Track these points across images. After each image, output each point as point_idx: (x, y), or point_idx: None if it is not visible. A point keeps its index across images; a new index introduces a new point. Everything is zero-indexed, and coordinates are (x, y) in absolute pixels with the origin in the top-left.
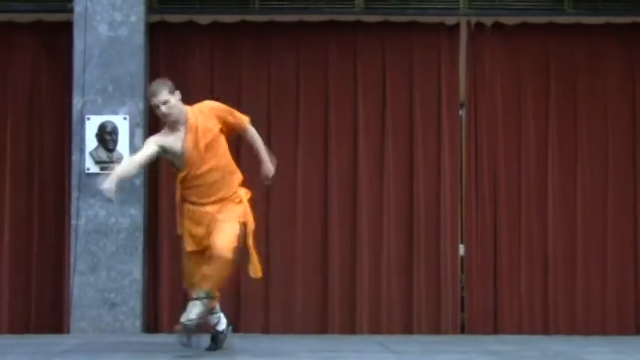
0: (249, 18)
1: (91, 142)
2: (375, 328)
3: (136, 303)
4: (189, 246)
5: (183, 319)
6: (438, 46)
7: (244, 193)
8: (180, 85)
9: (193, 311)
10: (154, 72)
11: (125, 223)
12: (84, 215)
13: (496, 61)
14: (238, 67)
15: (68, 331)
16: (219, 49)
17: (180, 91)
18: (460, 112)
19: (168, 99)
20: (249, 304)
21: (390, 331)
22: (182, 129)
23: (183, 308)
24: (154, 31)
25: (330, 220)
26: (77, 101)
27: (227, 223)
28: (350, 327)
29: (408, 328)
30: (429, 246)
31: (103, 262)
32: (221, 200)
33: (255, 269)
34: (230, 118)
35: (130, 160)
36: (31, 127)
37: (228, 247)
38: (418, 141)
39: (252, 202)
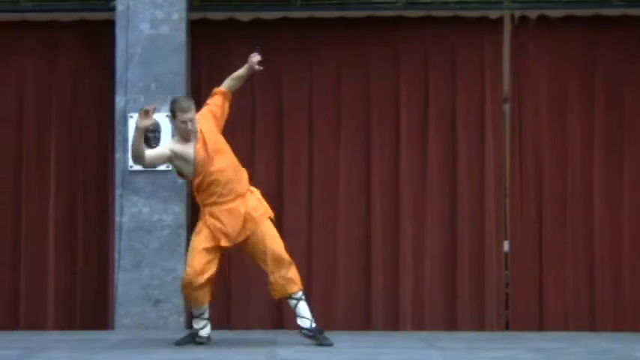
0: (290, 14)
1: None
2: (419, 325)
3: (179, 299)
4: (222, 243)
5: (306, 325)
6: (481, 41)
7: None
8: (221, 81)
9: (305, 313)
10: (195, 70)
11: (168, 220)
12: (127, 212)
13: (540, 56)
14: (279, 64)
15: (112, 328)
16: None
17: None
18: (504, 107)
19: (194, 117)
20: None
21: (433, 328)
22: (193, 140)
23: (225, 304)
24: (195, 29)
25: (372, 216)
26: (120, 100)
27: (265, 227)
28: (393, 324)
29: (451, 325)
30: (473, 242)
31: (147, 259)
32: (240, 196)
33: None
34: (220, 102)
35: (147, 151)
36: (74, 126)
37: (282, 249)
38: (461, 137)
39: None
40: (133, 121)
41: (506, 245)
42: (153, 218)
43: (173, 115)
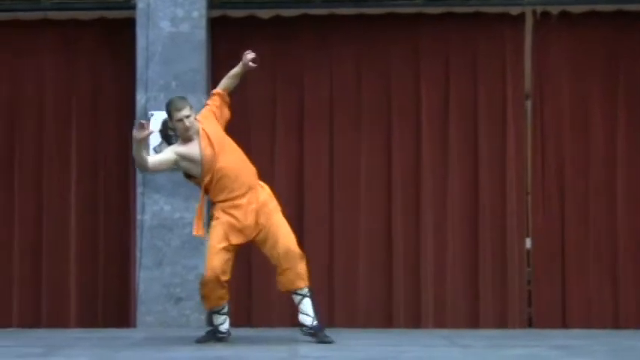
0: (310, 12)
1: (154, 138)
2: (440, 323)
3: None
4: (237, 240)
5: (307, 323)
6: (502, 37)
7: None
8: (242, 79)
9: (308, 310)
10: (215, 67)
11: (189, 218)
12: (149, 210)
13: (562, 51)
14: (299, 61)
15: (134, 326)
16: (280, 44)
17: (242, 85)
18: (525, 103)
19: (190, 114)
20: (313, 298)
21: (455, 326)
22: (196, 138)
23: (246, 301)
24: (216, 27)
25: (393, 214)
26: (140, 98)
27: (277, 221)
28: (414, 321)
29: (473, 323)
30: (495, 239)
31: (168, 257)
32: (250, 190)
33: None
34: (218, 103)
35: (149, 156)
36: (95, 124)
37: (294, 243)
38: (483, 133)
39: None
40: (153, 120)
41: (528, 242)
42: (174, 216)
43: (170, 117)
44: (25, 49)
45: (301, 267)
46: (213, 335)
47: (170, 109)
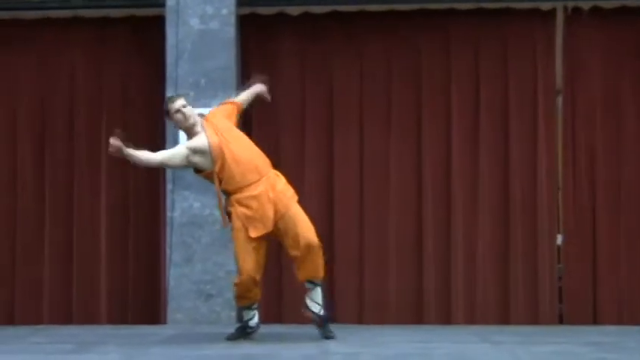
0: (339, 8)
1: (184, 135)
2: (471, 319)
3: (231, 294)
4: (256, 232)
5: (315, 309)
6: (532, 33)
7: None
8: (271, 77)
9: (318, 299)
10: (244, 64)
11: (219, 215)
12: (179, 207)
13: (594, 47)
14: (329, 57)
15: (164, 322)
16: (309, 41)
17: (271, 82)
18: (556, 99)
19: (184, 102)
20: (344, 295)
21: (486, 322)
22: (201, 130)
23: (276, 298)
24: (245, 24)
25: (423, 210)
26: (170, 95)
27: (296, 211)
28: (445, 318)
29: (504, 319)
30: (526, 235)
31: (199, 254)
32: (265, 177)
33: None
34: (229, 109)
35: (158, 156)
36: (124, 121)
37: (314, 234)
38: (513, 129)
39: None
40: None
41: (559, 238)
42: (204, 213)
43: (168, 115)
44: (55, 47)
45: (321, 257)
46: (243, 331)
47: (165, 107)
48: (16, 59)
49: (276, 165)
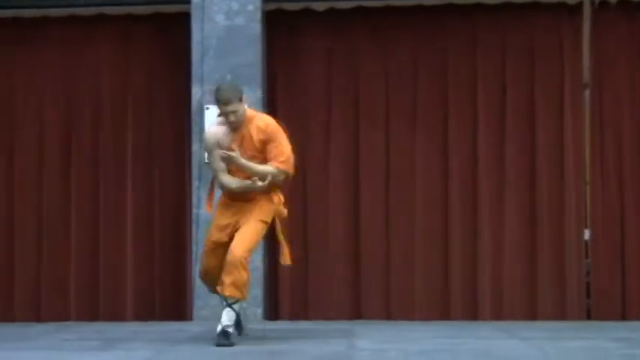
0: (365, 4)
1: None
2: (498, 315)
3: (257, 291)
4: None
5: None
6: (559, 27)
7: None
8: (297, 73)
9: (228, 317)
10: (270, 61)
11: None
12: (204, 204)
13: (621, 41)
14: (355, 53)
15: (191, 319)
16: (335, 36)
17: (297, 79)
18: (584, 93)
19: (237, 108)
20: (370, 292)
21: (513, 318)
22: (239, 131)
23: (302, 295)
24: (271, 20)
25: (450, 205)
26: (196, 91)
27: (250, 224)
28: (472, 313)
29: (531, 315)
30: (553, 231)
31: None
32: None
33: (285, 258)
34: (269, 146)
35: (221, 174)
36: (151, 119)
37: (244, 249)
38: (540, 124)
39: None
40: (209, 113)
41: (586, 233)
42: None
43: (217, 103)
44: (81, 44)
45: (234, 275)
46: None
47: (216, 97)
48: (41, 58)
49: (301, 163)
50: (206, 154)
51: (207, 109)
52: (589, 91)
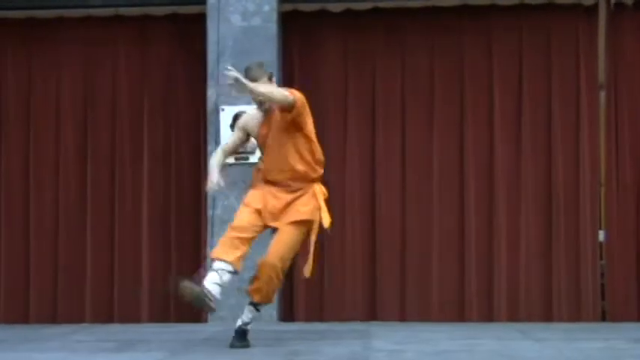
0: (381, 4)
1: (226, 132)
2: (513, 316)
3: None
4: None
5: (239, 322)
6: (575, 28)
7: (319, 190)
8: (313, 74)
9: (252, 316)
10: (287, 61)
11: None
12: (220, 205)
13: (637, 42)
14: (371, 54)
15: (206, 320)
16: (351, 37)
17: (313, 79)
18: (600, 94)
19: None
20: (386, 293)
21: (528, 319)
22: (267, 114)
23: (318, 295)
24: (287, 21)
25: (466, 205)
26: (212, 92)
27: (286, 231)
28: (488, 315)
29: (547, 316)
30: (568, 232)
31: None
32: (296, 185)
33: (307, 270)
34: (298, 118)
35: (219, 149)
36: (167, 119)
37: (280, 258)
38: (556, 125)
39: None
40: (224, 114)
41: (601, 234)
42: None
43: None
44: (97, 45)
45: (266, 282)
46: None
47: (246, 78)
48: (58, 58)
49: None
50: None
51: (223, 110)
52: (604, 92)
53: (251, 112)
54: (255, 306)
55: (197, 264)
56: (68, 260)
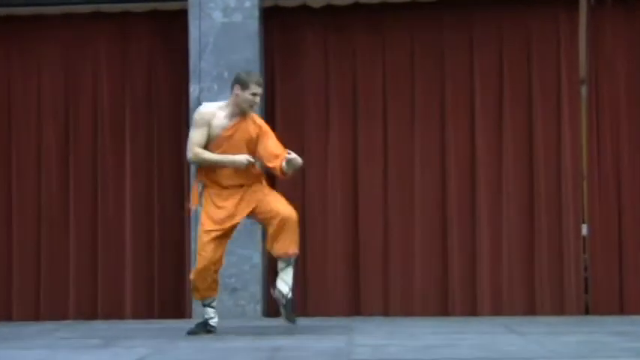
0: (362, 0)
1: None
2: (497, 310)
3: (256, 288)
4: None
5: (284, 290)
6: (556, 22)
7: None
8: (295, 69)
9: (289, 279)
10: (268, 57)
11: None
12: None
13: (618, 36)
14: (352, 49)
15: (190, 317)
16: (332, 33)
17: (294, 75)
18: (581, 88)
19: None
20: (369, 287)
21: (511, 313)
22: (239, 119)
23: (302, 290)
24: (268, 17)
25: (448, 201)
26: (194, 89)
27: (272, 194)
28: (470, 309)
29: (530, 310)
30: (551, 226)
31: None
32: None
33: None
34: (265, 140)
35: (198, 149)
36: (149, 115)
37: (293, 211)
38: (538, 119)
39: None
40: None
41: (584, 228)
42: None
43: (245, 87)
44: (77, 42)
45: (296, 232)
46: (205, 327)
47: (249, 79)
48: (38, 56)
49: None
50: (192, 128)
51: None
52: (586, 87)
53: (211, 109)
54: (293, 265)
55: (181, 260)
56: (51, 258)
